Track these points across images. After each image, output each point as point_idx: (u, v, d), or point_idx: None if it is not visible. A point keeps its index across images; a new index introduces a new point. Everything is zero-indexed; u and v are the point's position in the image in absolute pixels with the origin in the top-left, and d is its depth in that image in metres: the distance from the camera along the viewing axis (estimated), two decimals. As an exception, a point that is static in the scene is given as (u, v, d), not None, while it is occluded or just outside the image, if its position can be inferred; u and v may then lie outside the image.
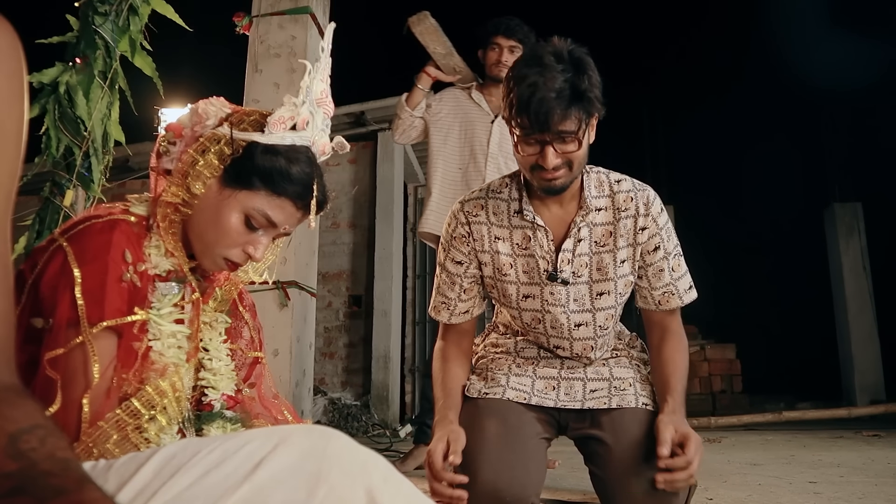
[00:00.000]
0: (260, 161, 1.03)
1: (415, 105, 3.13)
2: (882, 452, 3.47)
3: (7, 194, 0.60)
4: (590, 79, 1.48)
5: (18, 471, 0.52)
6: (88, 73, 2.01)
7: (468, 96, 3.17)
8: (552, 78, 1.44)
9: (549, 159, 1.49)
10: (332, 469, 0.67)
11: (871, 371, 7.77)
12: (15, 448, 0.53)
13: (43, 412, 0.59)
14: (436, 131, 3.15)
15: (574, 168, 1.54)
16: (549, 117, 1.43)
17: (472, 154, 3.07)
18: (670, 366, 1.64)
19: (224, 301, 1.16)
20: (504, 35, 3.03)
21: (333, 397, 5.57)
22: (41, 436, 0.55)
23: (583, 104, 1.46)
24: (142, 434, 0.92)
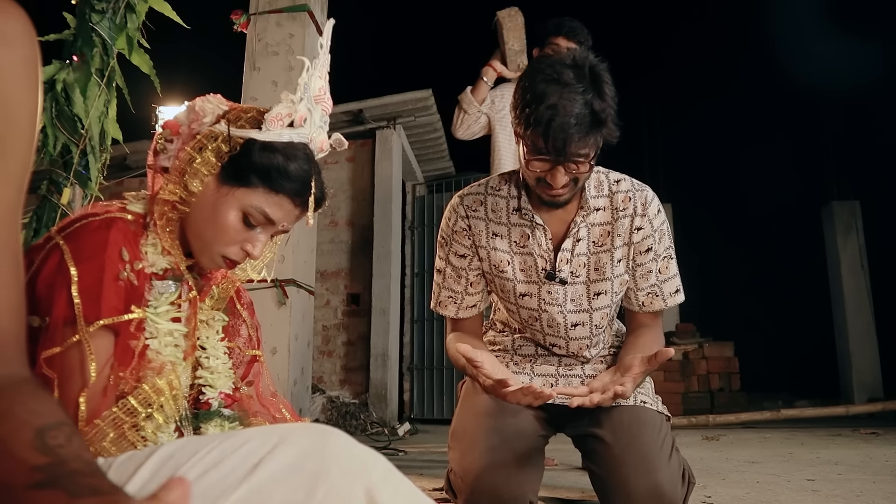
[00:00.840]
0: (257, 158, 1.03)
1: (482, 99, 3.10)
2: (880, 450, 3.48)
3: (19, 187, 0.59)
4: (607, 98, 1.45)
5: (48, 465, 0.52)
6: (85, 70, 2.00)
7: None
8: (572, 100, 1.41)
9: (559, 179, 1.48)
10: (331, 468, 0.67)
11: (869, 369, 7.79)
12: (43, 443, 0.53)
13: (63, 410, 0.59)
14: (501, 129, 3.09)
15: (579, 184, 1.53)
16: (566, 144, 1.41)
17: None
18: (644, 350, 1.59)
19: (221, 299, 1.16)
20: (565, 36, 2.99)
21: (332, 395, 5.57)
22: (67, 434, 0.55)
23: (601, 130, 1.44)
24: (139, 432, 0.91)
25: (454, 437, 1.69)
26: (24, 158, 0.59)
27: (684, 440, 4.19)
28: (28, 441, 0.53)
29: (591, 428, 1.64)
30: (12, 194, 0.58)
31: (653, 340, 1.66)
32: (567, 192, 1.53)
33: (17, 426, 0.54)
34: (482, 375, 1.43)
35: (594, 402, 1.40)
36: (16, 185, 0.58)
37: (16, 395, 0.56)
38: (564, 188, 1.51)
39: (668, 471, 1.53)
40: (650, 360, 1.44)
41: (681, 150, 9.62)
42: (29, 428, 0.54)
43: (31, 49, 0.59)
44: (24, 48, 0.58)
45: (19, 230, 0.60)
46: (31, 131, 0.59)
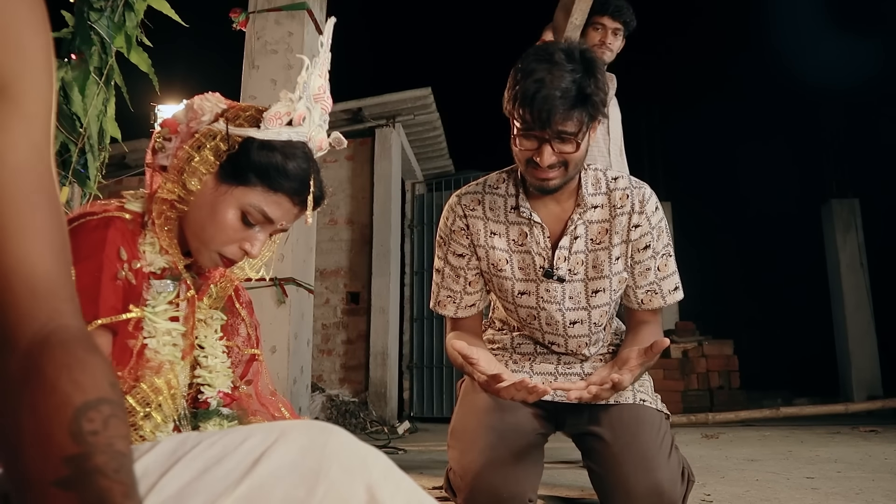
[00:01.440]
0: (256, 157, 1.02)
1: None
2: (879, 448, 3.48)
3: (45, 126, 0.57)
4: (597, 82, 1.46)
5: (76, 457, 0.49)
6: (84, 69, 2.00)
7: None
8: (560, 76, 1.43)
9: (546, 157, 1.48)
10: (331, 465, 0.67)
11: (868, 367, 7.80)
12: (78, 426, 0.50)
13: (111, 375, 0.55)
14: None
15: (570, 169, 1.53)
16: (551, 115, 1.42)
17: None
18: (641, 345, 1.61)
19: (219, 298, 1.16)
20: (611, 16, 2.95)
21: (331, 394, 5.58)
22: (106, 415, 0.51)
23: (586, 107, 1.45)
24: (137, 432, 0.91)
25: (453, 435, 1.69)
26: (45, 97, 0.57)
27: (684, 438, 4.19)
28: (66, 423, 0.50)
29: (590, 426, 1.64)
30: (38, 134, 0.56)
31: (651, 336, 1.66)
32: (557, 176, 1.52)
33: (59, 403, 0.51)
34: (477, 372, 1.43)
35: (592, 394, 1.40)
36: (39, 124, 0.56)
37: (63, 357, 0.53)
38: (553, 171, 1.51)
39: (667, 469, 1.53)
40: (647, 352, 1.44)
41: (680, 149, 9.62)
42: (69, 406, 0.50)
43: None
44: None
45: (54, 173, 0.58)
46: (47, 70, 0.58)
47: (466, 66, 9.63)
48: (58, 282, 0.57)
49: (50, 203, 0.57)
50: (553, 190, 1.56)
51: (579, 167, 1.56)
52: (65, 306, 0.57)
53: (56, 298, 0.56)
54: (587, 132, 1.50)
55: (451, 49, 9.22)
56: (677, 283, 1.71)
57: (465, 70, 9.37)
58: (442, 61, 8.94)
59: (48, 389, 0.51)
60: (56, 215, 0.58)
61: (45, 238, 0.56)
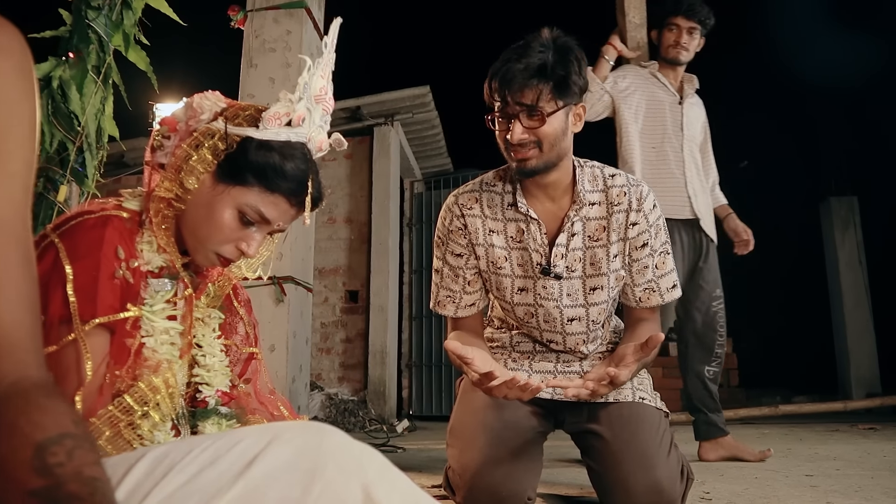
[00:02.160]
0: (253, 157, 1.02)
1: (603, 77, 3.01)
2: (878, 445, 3.49)
3: (25, 184, 0.60)
4: (566, 62, 1.50)
5: (44, 489, 0.50)
6: (82, 67, 1.99)
7: (651, 74, 3.05)
8: (527, 56, 1.49)
9: (515, 133, 1.51)
10: (327, 465, 0.67)
11: (867, 364, 7.80)
12: (42, 461, 0.51)
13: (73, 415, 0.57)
14: (626, 108, 3.00)
15: (544, 149, 1.53)
16: (510, 85, 1.48)
17: (664, 135, 2.97)
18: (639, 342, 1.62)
19: (217, 297, 1.15)
20: (684, 15, 2.94)
21: (330, 393, 5.58)
22: (69, 448, 0.52)
23: (547, 79, 1.48)
24: (135, 431, 0.91)
25: (452, 434, 1.69)
26: (27, 157, 0.61)
27: (682, 436, 4.18)
28: (27, 460, 0.51)
29: (589, 424, 1.64)
30: (18, 191, 0.59)
31: (649, 333, 1.66)
32: (533, 156, 1.54)
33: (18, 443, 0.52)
34: (471, 371, 1.43)
35: (589, 390, 1.41)
36: (20, 182, 0.60)
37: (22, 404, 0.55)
38: (528, 150, 1.53)
39: (666, 467, 1.53)
40: (643, 348, 1.45)
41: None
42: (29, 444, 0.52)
43: (26, 61, 0.62)
44: (19, 58, 0.61)
45: (29, 227, 0.61)
46: (31, 130, 0.61)
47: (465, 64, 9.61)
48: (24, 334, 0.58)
49: (25, 256, 0.60)
50: (531, 171, 1.56)
51: (557, 149, 1.56)
52: (29, 357, 0.58)
53: (21, 350, 0.58)
54: (558, 111, 1.51)
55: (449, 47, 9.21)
56: (675, 280, 1.71)
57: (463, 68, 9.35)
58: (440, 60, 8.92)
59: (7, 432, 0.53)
60: (28, 268, 0.60)
61: (14, 291, 0.58)
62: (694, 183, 2.96)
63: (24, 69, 0.61)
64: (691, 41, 3.00)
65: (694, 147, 3.01)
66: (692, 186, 2.95)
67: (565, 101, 1.52)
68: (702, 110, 3.15)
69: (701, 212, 2.94)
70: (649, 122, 2.99)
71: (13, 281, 0.58)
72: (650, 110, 3.00)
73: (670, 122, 2.99)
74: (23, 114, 0.60)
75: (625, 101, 3.00)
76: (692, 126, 3.02)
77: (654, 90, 3.03)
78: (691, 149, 2.99)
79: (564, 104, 1.52)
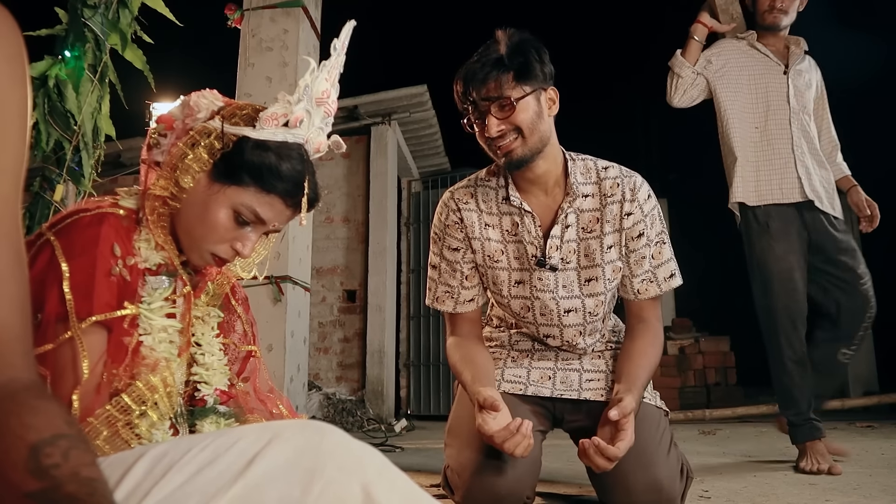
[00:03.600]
0: (249, 156, 1.01)
1: (694, 60, 2.81)
2: (876, 443, 3.49)
3: (15, 179, 0.58)
4: (522, 51, 1.55)
5: (41, 492, 0.49)
6: (78, 66, 1.98)
7: (750, 46, 2.80)
8: (485, 56, 1.55)
9: (491, 127, 1.54)
10: (326, 465, 0.66)
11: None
12: (37, 463, 0.50)
13: (66, 416, 0.55)
14: (722, 88, 2.79)
15: (527, 136, 1.56)
16: (472, 83, 1.54)
17: (767, 110, 2.72)
18: (642, 358, 1.63)
19: (216, 295, 1.15)
20: None
21: (328, 392, 5.57)
22: (64, 448, 0.51)
23: (505, 68, 1.52)
24: (132, 430, 0.90)
25: (450, 433, 1.69)
26: (18, 151, 0.58)
27: (681, 435, 4.19)
28: (21, 462, 0.50)
29: (589, 423, 1.64)
30: (8, 187, 0.57)
31: (649, 344, 1.66)
32: (517, 145, 1.56)
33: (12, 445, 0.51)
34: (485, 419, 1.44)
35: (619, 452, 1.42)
36: (10, 177, 0.57)
37: (12, 406, 0.53)
38: (509, 139, 1.56)
39: (666, 466, 1.53)
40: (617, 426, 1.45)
41: (676, 145, 9.63)
42: (23, 446, 0.51)
43: (17, 46, 0.59)
44: (9, 46, 0.58)
45: (20, 223, 0.59)
46: (21, 124, 0.58)
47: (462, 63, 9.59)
48: (13, 335, 0.57)
49: (15, 252, 0.58)
50: (519, 160, 1.58)
51: (538, 134, 1.58)
52: (18, 360, 0.57)
53: (10, 353, 0.56)
54: (527, 96, 1.54)
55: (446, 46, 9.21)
56: (673, 270, 1.70)
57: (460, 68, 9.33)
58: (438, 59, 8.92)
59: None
60: (18, 267, 0.58)
61: (4, 291, 0.56)
62: (806, 160, 2.69)
63: (14, 56, 0.58)
64: (789, 3, 2.74)
65: (805, 119, 2.74)
66: (804, 165, 2.67)
67: (531, 85, 1.55)
68: (815, 73, 2.86)
69: (817, 191, 2.66)
70: (751, 99, 2.76)
71: (2, 281, 0.56)
72: (751, 86, 2.76)
73: (774, 96, 2.73)
74: (12, 104, 0.57)
75: (720, 80, 2.80)
76: (801, 95, 2.74)
77: (752, 64, 2.78)
78: (802, 122, 2.72)
79: (532, 89, 1.55)
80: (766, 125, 2.72)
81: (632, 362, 1.62)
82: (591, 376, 1.70)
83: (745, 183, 2.73)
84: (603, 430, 1.48)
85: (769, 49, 2.79)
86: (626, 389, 1.53)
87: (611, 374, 1.69)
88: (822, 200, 2.67)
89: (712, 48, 2.86)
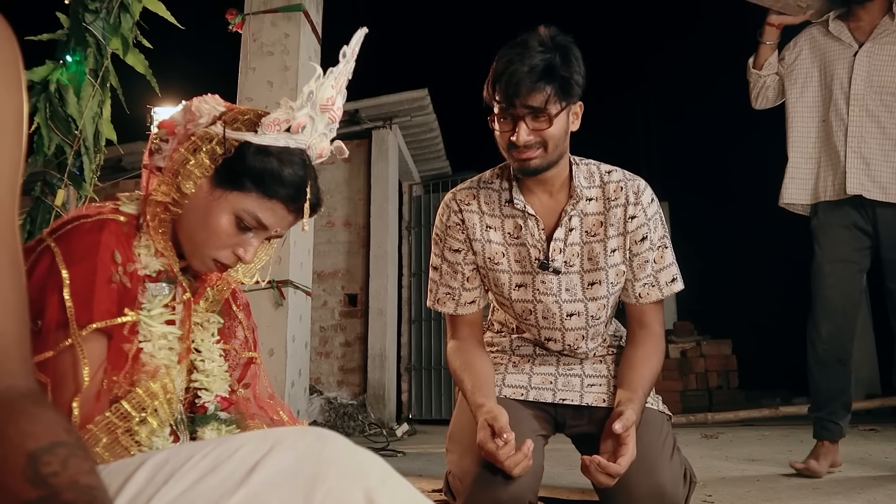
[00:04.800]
0: (251, 162, 1.01)
1: (761, 64, 2.71)
2: (879, 447, 3.48)
3: (11, 185, 0.57)
4: (568, 62, 1.50)
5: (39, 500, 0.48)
6: (79, 71, 1.99)
7: (825, 31, 2.63)
8: (530, 56, 1.48)
9: (521, 135, 1.50)
10: (328, 472, 0.66)
11: (866, 365, 7.78)
12: (35, 471, 0.49)
13: (64, 423, 0.55)
14: (791, 84, 2.68)
15: (549, 149, 1.53)
16: (518, 89, 1.46)
17: (832, 101, 2.56)
18: (644, 367, 1.62)
19: (216, 301, 1.14)
20: None
21: (330, 396, 5.56)
22: (63, 457, 0.51)
23: (554, 81, 1.47)
24: (132, 437, 0.90)
25: (452, 439, 1.68)
26: (14, 157, 0.57)
27: (683, 438, 4.18)
28: (19, 471, 0.49)
29: (590, 427, 1.63)
30: (4, 193, 0.56)
31: (651, 352, 1.65)
32: (537, 156, 1.53)
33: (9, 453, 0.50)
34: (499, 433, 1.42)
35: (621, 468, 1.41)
36: (6, 184, 0.57)
37: (10, 413, 0.53)
38: (532, 150, 1.52)
39: (669, 470, 1.52)
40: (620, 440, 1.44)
41: (677, 149, 9.62)
42: (20, 454, 0.50)
43: (12, 52, 0.58)
44: (4, 52, 0.57)
45: (16, 229, 0.58)
46: (17, 130, 0.58)
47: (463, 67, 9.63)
48: (11, 341, 0.56)
49: (12, 260, 0.57)
50: (534, 171, 1.56)
51: (560, 149, 1.56)
52: (15, 367, 0.56)
53: (8, 359, 0.56)
54: (562, 112, 1.51)
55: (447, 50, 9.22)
56: (675, 274, 1.70)
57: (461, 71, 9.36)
58: (438, 62, 8.93)
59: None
60: (15, 273, 0.57)
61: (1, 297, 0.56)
62: (864, 150, 2.48)
63: (9, 61, 0.57)
64: None
65: (872, 102, 2.50)
66: (856, 156, 2.48)
67: (568, 101, 1.52)
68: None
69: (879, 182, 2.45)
70: (818, 90, 2.62)
71: (1, 288, 0.56)
72: (823, 75, 2.61)
73: (837, 83, 2.55)
74: (8, 111, 0.57)
75: (790, 76, 2.68)
76: (878, 73, 2.50)
77: (825, 49, 2.61)
78: (865, 106, 2.50)
79: (567, 104, 1.52)
80: (829, 116, 2.57)
81: (634, 371, 1.61)
82: (593, 381, 1.70)
83: (798, 183, 2.66)
84: (605, 443, 1.47)
85: (846, 28, 2.57)
86: (627, 400, 1.52)
87: (612, 380, 1.69)
88: (876, 191, 2.46)
89: (791, 42, 2.73)
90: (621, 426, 1.42)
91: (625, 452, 1.41)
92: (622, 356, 1.70)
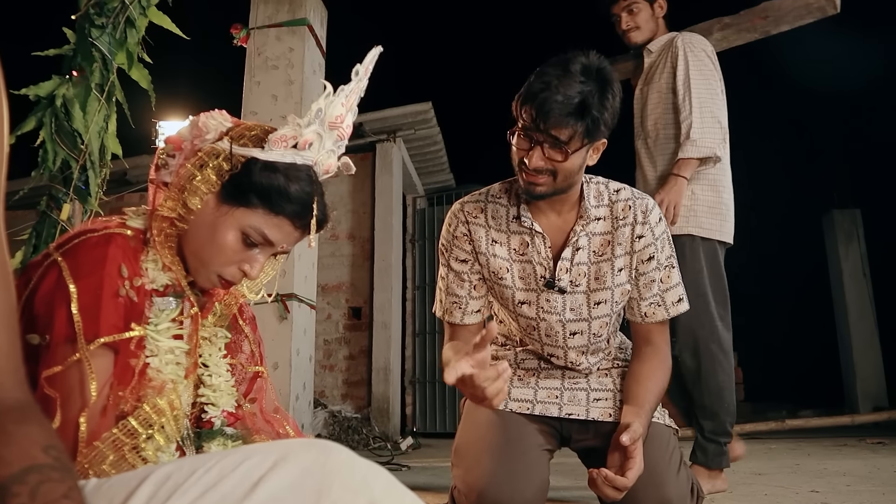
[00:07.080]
0: (258, 178, 1.01)
1: None
2: (887, 460, 3.45)
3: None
4: (604, 99, 1.46)
5: None
6: (85, 85, 2.00)
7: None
8: (568, 85, 1.43)
9: (534, 160, 1.49)
10: (333, 484, 0.66)
11: (873, 377, 7.75)
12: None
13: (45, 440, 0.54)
14: None
15: (558, 180, 1.52)
16: (547, 117, 1.43)
17: None
18: (651, 381, 1.60)
19: (224, 316, 1.14)
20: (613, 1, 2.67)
21: (334, 410, 5.54)
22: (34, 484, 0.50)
23: (584, 119, 1.44)
24: (139, 454, 0.89)
25: (457, 453, 1.67)
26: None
27: (689, 451, 4.16)
28: None
29: (596, 441, 1.62)
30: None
31: (658, 368, 1.64)
32: (544, 183, 1.52)
33: None
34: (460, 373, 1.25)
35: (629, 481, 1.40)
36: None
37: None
38: (541, 177, 1.51)
39: (676, 485, 1.51)
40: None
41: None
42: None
43: None
44: None
45: (4, 243, 0.58)
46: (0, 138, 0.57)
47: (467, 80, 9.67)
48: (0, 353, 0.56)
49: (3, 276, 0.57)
50: (539, 196, 1.55)
51: (570, 181, 1.55)
52: (5, 378, 0.56)
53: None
54: (582, 148, 1.49)
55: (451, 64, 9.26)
56: (681, 294, 1.69)
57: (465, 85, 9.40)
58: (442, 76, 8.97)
59: None
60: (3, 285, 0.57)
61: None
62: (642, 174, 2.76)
63: None
64: (634, 17, 2.67)
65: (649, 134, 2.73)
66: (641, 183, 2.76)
67: (592, 140, 1.50)
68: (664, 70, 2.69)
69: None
70: None
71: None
72: None
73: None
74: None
75: None
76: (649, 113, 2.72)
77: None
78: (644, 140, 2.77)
79: (590, 142, 1.50)
80: None
81: (640, 385, 1.60)
82: (599, 395, 1.69)
83: None
84: (612, 456, 1.46)
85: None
86: (634, 414, 1.51)
87: (619, 394, 1.68)
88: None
89: None
90: (629, 438, 1.41)
91: (632, 466, 1.40)
92: (628, 371, 1.69)
